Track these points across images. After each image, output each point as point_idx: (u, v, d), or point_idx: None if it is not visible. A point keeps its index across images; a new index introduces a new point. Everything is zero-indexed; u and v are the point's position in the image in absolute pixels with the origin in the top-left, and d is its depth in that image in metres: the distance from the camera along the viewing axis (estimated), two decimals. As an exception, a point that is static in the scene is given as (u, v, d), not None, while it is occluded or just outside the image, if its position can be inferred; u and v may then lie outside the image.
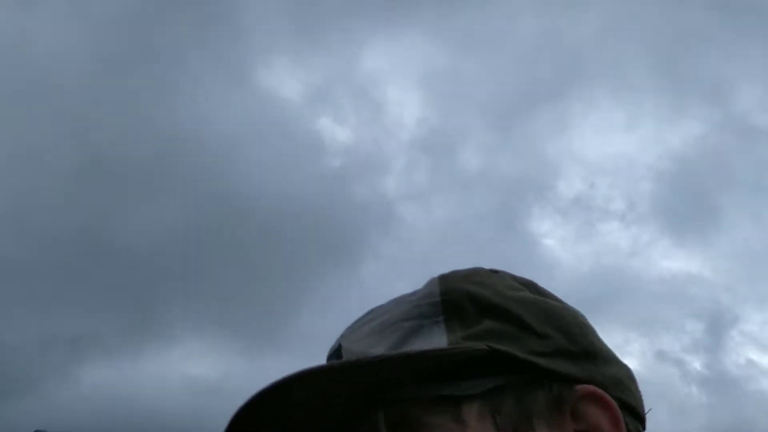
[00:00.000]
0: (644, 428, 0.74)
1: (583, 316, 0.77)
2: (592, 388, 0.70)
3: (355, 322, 0.78)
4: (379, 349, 0.71)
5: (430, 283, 0.77)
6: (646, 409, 0.76)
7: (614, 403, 0.69)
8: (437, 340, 0.70)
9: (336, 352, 0.75)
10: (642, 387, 0.78)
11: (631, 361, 0.80)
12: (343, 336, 0.77)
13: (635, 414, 0.73)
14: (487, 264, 0.82)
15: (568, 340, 0.72)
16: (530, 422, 0.67)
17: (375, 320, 0.75)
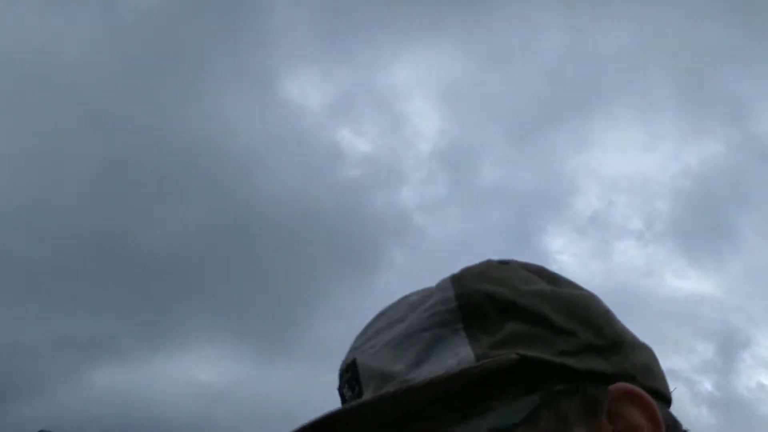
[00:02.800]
0: (669, 407, 0.72)
1: (600, 300, 0.73)
2: (626, 386, 0.66)
3: (366, 330, 0.74)
4: (399, 365, 0.67)
5: (443, 286, 0.72)
6: (671, 388, 0.74)
7: (651, 401, 0.66)
8: (462, 350, 0.66)
9: (350, 367, 0.72)
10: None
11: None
12: (355, 348, 0.73)
13: (663, 398, 0.71)
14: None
15: (596, 334, 0.69)
16: (569, 426, 0.63)
17: (389, 330, 0.71)
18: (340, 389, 0.73)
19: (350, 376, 0.71)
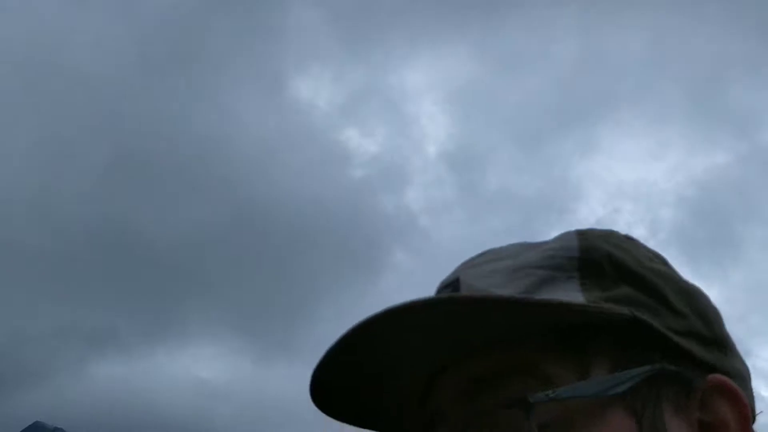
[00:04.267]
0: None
1: (713, 302, 0.73)
2: (725, 380, 0.65)
3: (473, 259, 0.72)
4: (507, 291, 0.66)
5: (567, 237, 0.70)
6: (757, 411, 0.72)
7: (746, 400, 0.65)
8: (573, 295, 0.65)
9: (452, 284, 0.70)
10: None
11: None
12: (460, 269, 0.72)
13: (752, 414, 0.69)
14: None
15: (704, 324, 0.68)
16: (659, 404, 0.63)
17: (499, 261, 0.70)
18: None
19: (450, 291, 0.70)
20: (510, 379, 0.63)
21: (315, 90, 36.95)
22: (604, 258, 0.68)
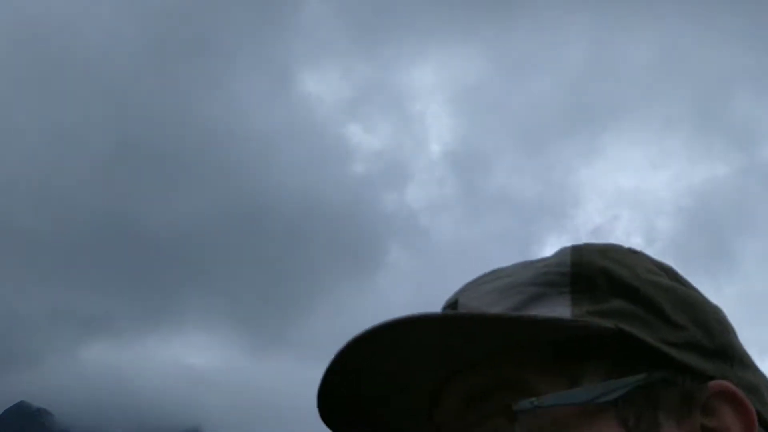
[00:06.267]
0: None
1: (724, 314, 0.73)
2: (728, 385, 0.66)
3: (477, 279, 0.76)
4: (498, 308, 0.69)
5: (562, 252, 0.74)
6: None
7: (750, 406, 0.66)
8: (560, 310, 0.68)
9: (452, 305, 0.74)
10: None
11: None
12: (461, 291, 0.75)
13: (765, 424, 0.69)
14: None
15: (705, 334, 0.69)
16: (655, 413, 0.65)
17: (498, 280, 0.73)
18: None
19: (449, 311, 0.74)
20: (499, 393, 0.66)
21: (322, 84, 37.44)
22: (598, 272, 0.70)
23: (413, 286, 69.83)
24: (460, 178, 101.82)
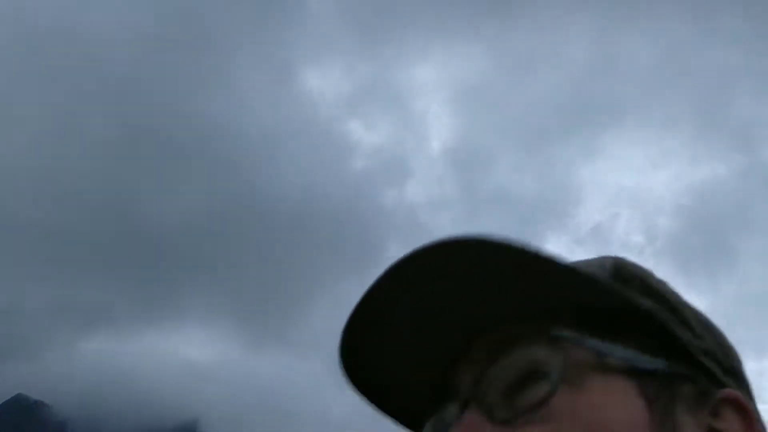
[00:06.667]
0: None
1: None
2: (741, 396, 0.68)
3: None
4: None
5: (605, 257, 0.76)
6: None
7: (757, 418, 0.68)
8: None
9: None
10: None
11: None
12: None
13: None
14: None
15: (722, 352, 0.72)
16: (674, 399, 0.66)
17: None
18: None
19: None
20: (528, 341, 0.66)
21: (324, 81, 37.46)
22: (635, 278, 0.73)
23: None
24: (460, 176, 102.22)
